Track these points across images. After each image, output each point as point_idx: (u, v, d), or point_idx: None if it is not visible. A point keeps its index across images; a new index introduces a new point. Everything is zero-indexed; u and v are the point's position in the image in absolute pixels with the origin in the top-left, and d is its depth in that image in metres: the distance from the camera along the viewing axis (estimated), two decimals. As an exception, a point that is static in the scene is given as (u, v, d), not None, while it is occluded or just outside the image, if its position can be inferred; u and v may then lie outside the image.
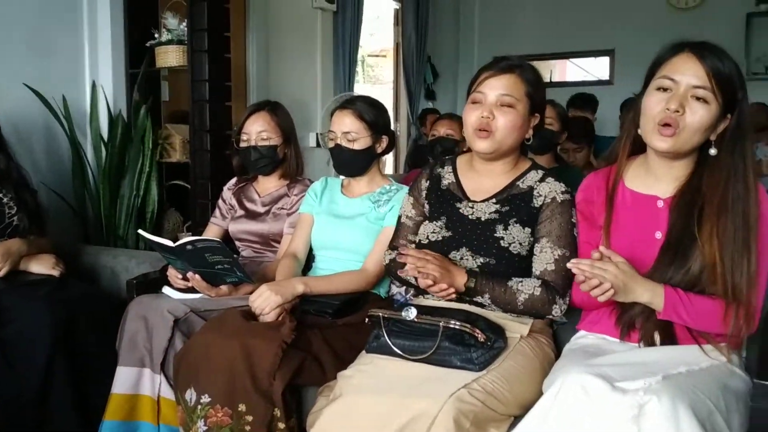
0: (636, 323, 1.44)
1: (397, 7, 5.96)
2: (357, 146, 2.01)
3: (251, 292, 1.82)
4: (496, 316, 1.61)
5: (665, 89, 1.40)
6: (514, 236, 1.63)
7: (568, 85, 6.36)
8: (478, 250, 1.64)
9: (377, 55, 7.91)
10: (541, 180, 1.68)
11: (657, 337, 1.42)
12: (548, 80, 6.59)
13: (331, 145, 2.06)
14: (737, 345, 1.43)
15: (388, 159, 6.24)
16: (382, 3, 5.92)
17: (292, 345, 1.63)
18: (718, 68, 1.37)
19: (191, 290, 1.98)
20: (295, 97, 4.48)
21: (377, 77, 8.21)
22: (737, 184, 1.39)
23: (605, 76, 6.20)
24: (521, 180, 1.70)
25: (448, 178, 1.79)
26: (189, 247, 1.79)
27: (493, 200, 1.69)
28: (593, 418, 1.17)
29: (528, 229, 1.64)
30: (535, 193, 1.66)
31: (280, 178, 2.33)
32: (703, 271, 1.39)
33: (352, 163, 2.04)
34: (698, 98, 1.37)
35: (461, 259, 1.65)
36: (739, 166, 1.40)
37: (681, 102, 1.37)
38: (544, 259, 1.61)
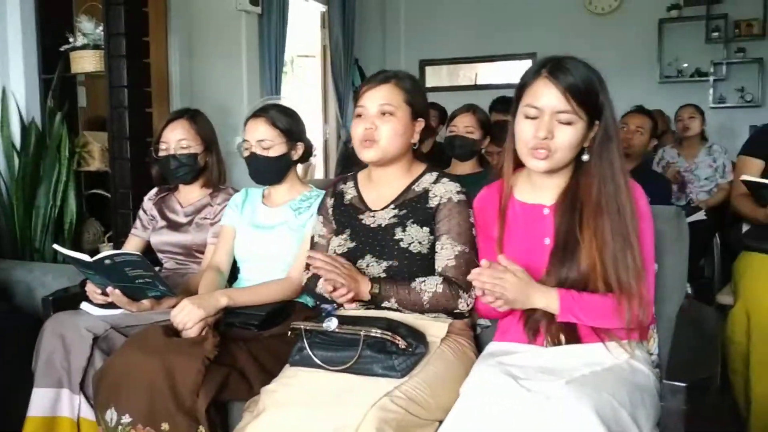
0: (541, 327, 1.50)
1: (324, 10, 5.95)
2: (272, 153, 2.02)
3: (174, 306, 1.79)
4: (415, 318, 1.64)
5: (533, 117, 1.45)
6: (413, 236, 1.68)
7: (493, 87, 6.49)
8: (381, 254, 1.69)
9: (307, 56, 7.86)
10: (436, 181, 1.74)
11: (562, 338, 1.47)
12: (473, 83, 6.73)
13: (246, 154, 2.05)
14: (641, 338, 1.51)
15: (318, 164, 6.23)
16: (309, 5, 5.89)
17: (216, 360, 1.61)
18: (574, 86, 1.42)
19: (111, 306, 1.93)
20: (220, 102, 4.41)
21: (307, 78, 8.17)
22: (608, 185, 1.47)
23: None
24: (416, 184, 1.76)
25: (350, 192, 1.84)
26: (107, 261, 1.75)
27: (392, 206, 1.74)
28: (503, 415, 1.22)
29: (426, 228, 1.69)
30: (430, 194, 1.72)
31: (203, 187, 2.29)
32: (589, 269, 1.46)
33: (267, 171, 2.04)
34: (563, 122, 1.43)
35: (367, 266, 1.69)
36: (608, 168, 1.47)
37: (548, 128, 1.43)
38: (445, 255, 1.66)
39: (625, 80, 5.76)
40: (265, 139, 2.01)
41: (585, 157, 1.49)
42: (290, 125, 2.06)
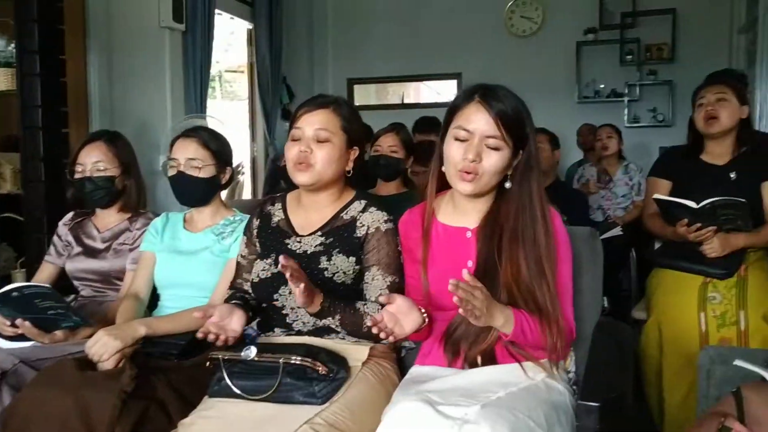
0: (461, 348, 1.52)
1: (250, 27, 5.91)
2: (202, 174, 1.99)
3: (90, 337, 1.72)
4: (335, 343, 1.64)
5: (462, 139, 1.49)
6: (338, 266, 1.67)
7: (420, 106, 6.59)
8: None
9: (235, 71, 7.81)
10: (364, 210, 1.73)
11: (479, 360, 1.50)
12: (401, 101, 6.82)
13: (173, 172, 2.00)
14: (558, 359, 1.55)
15: (246, 182, 6.15)
16: (235, 22, 5.84)
17: (134, 393, 1.56)
18: (504, 114, 1.47)
19: (22, 338, 1.83)
20: (143, 121, 4.30)
21: (235, 93, 8.08)
22: (526, 213, 1.52)
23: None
24: (345, 211, 1.75)
25: (277, 215, 1.81)
26: (15, 293, 1.67)
27: (319, 233, 1.73)
28: None
29: (352, 258, 1.68)
30: (357, 223, 1.71)
31: (120, 212, 2.22)
32: (515, 294, 1.49)
33: (195, 192, 2.01)
34: (491, 147, 1.48)
35: (290, 293, 1.65)
36: (526, 197, 1.53)
37: (477, 151, 1.47)
38: (378, 285, 1.66)
39: (545, 100, 5.97)
40: (196, 158, 1.98)
41: (507, 185, 1.53)
42: (220, 148, 2.04)
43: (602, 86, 5.87)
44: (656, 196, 2.35)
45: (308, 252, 1.70)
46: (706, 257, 2.25)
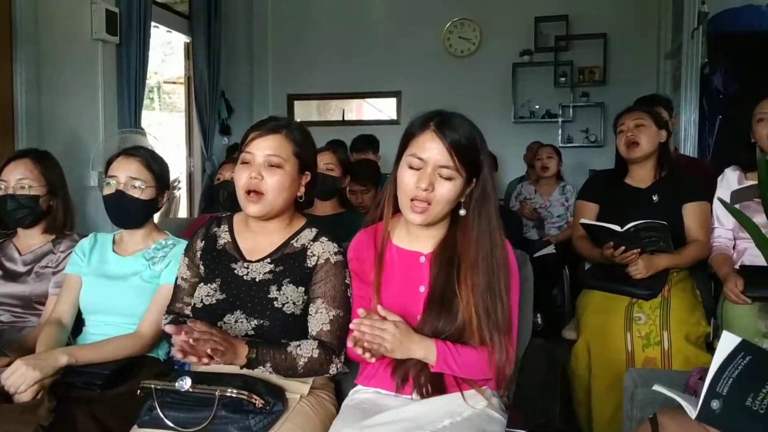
0: (410, 375, 1.52)
1: (188, 41, 5.82)
2: (143, 196, 1.93)
3: (8, 365, 1.64)
4: (277, 377, 1.60)
5: (416, 168, 1.49)
6: (288, 296, 1.64)
7: (361, 123, 6.62)
8: (252, 312, 1.62)
9: (174, 82, 7.67)
10: (315, 239, 1.71)
11: (429, 388, 1.50)
12: (341, 119, 6.83)
13: (111, 191, 1.93)
14: (496, 387, 1.56)
15: (182, 200, 6.03)
16: (173, 35, 5.75)
17: (53, 426, 1.49)
18: (459, 143, 1.48)
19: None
20: (74, 134, 4.17)
21: (174, 104, 7.93)
22: (485, 242, 1.53)
23: (394, 116, 6.53)
24: (295, 239, 1.72)
25: (224, 237, 1.75)
26: (-75, 322, 1.58)
27: (268, 260, 1.69)
28: None
29: (301, 288, 1.65)
30: (308, 252, 1.69)
31: (44, 233, 2.14)
32: (465, 322, 1.50)
33: (133, 213, 1.94)
34: (443, 177, 1.48)
35: (236, 321, 1.62)
36: (485, 225, 1.53)
37: (430, 180, 1.47)
38: (320, 319, 1.63)
39: (483, 119, 5.99)
40: (139, 179, 1.92)
41: (462, 212, 1.53)
42: (161, 171, 1.99)
43: (537, 107, 6.03)
44: (583, 220, 2.42)
45: (257, 279, 1.66)
46: (632, 278, 2.32)
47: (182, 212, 6.18)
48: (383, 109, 6.72)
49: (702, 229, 2.47)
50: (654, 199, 2.50)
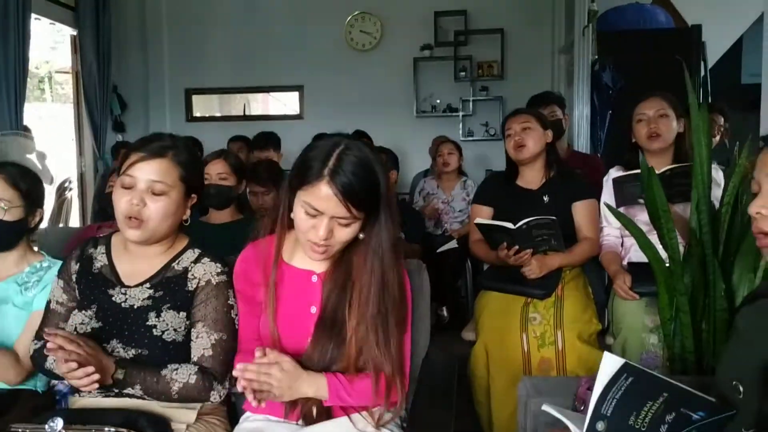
0: (299, 401, 1.48)
1: (74, 33, 5.50)
2: (8, 217, 1.77)
3: None
4: (161, 406, 1.53)
5: (312, 215, 1.41)
6: (168, 323, 1.56)
7: (264, 118, 6.49)
8: (130, 341, 1.54)
9: (67, 72, 7.22)
10: (197, 261, 1.64)
11: (314, 412, 1.47)
12: (243, 113, 6.66)
13: None
14: (391, 406, 1.53)
15: (74, 204, 5.71)
16: (57, 27, 5.41)
17: None
18: (353, 193, 1.38)
19: None
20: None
21: (67, 95, 7.49)
22: (378, 265, 1.47)
23: (297, 110, 6.43)
24: (177, 261, 1.64)
25: (100, 260, 1.65)
26: None
27: (147, 285, 1.60)
28: None
29: (183, 314, 1.58)
30: (189, 275, 1.61)
31: None
32: (358, 346, 1.46)
33: None
34: (341, 224, 1.41)
35: (113, 351, 1.53)
36: (379, 250, 1.48)
37: (328, 229, 1.40)
38: (201, 344, 1.56)
39: (385, 113, 6.14)
40: (3, 199, 1.76)
41: (361, 236, 1.48)
42: (31, 187, 1.83)
43: (438, 101, 6.10)
44: (477, 220, 2.46)
45: (135, 306, 1.56)
46: (527, 278, 2.38)
47: (74, 214, 5.87)
48: (288, 102, 6.60)
49: (592, 226, 2.56)
50: (545, 199, 2.57)
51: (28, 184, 1.82)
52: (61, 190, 5.74)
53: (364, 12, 6.14)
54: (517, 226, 2.30)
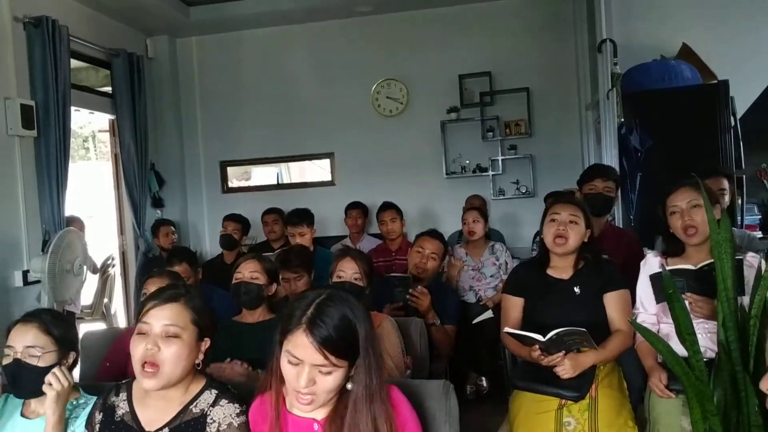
0: None
1: (113, 118, 5.72)
2: (42, 363, 1.86)
3: None
4: None
5: (294, 364, 1.46)
6: None
7: (296, 186, 6.62)
8: None
9: (108, 131, 7.48)
10: (215, 403, 1.68)
11: None
12: (276, 182, 6.80)
13: (8, 360, 1.87)
14: None
15: (117, 279, 5.87)
16: (95, 117, 5.64)
17: None
18: (330, 342, 1.44)
19: None
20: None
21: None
22: (368, 413, 1.51)
23: (328, 177, 6.53)
24: (194, 403, 1.69)
25: (122, 407, 1.73)
26: None
27: (166, 429, 1.66)
28: None
29: None
30: (208, 419, 1.66)
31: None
32: None
33: (32, 383, 1.86)
34: (323, 373, 1.46)
35: None
36: (366, 397, 1.51)
37: (310, 377, 1.45)
38: None
39: (415, 175, 6.20)
40: (35, 346, 1.86)
41: (349, 386, 1.52)
42: (63, 332, 1.93)
43: (468, 162, 6.12)
44: (506, 330, 2.45)
45: None
46: (560, 379, 2.35)
47: (118, 290, 6.03)
48: (322, 166, 6.69)
49: (624, 318, 2.51)
50: (576, 291, 2.54)
51: (61, 330, 1.91)
52: (104, 267, 5.91)
53: (390, 78, 6.25)
54: (547, 338, 2.27)
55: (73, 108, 4.86)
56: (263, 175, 7.01)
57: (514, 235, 5.95)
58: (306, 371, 1.45)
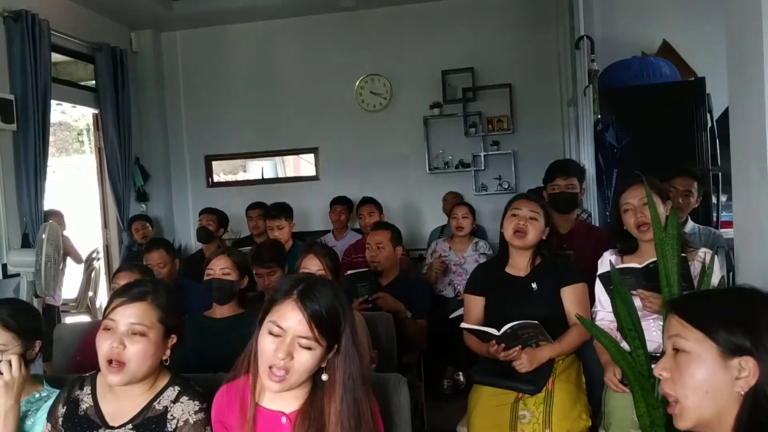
0: None
1: (96, 113, 5.73)
2: (4, 357, 1.87)
3: None
4: None
5: (276, 335, 1.48)
6: None
7: (280, 181, 6.65)
8: None
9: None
10: (176, 400, 1.70)
11: None
12: (260, 177, 6.82)
13: None
14: None
15: (101, 273, 5.90)
16: (77, 110, 5.65)
17: None
18: (319, 315, 1.47)
19: None
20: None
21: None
22: (350, 403, 1.52)
23: (313, 172, 6.55)
24: (158, 400, 1.71)
25: (86, 401, 1.73)
26: None
27: (130, 426, 1.68)
28: None
29: None
30: (168, 415, 1.68)
31: None
32: None
33: None
34: (303, 346, 1.48)
35: None
36: (350, 383, 1.53)
37: (289, 350, 1.46)
38: None
39: (399, 171, 6.23)
40: None
41: (324, 377, 1.53)
42: (25, 325, 1.93)
43: (450, 157, 6.15)
44: (463, 325, 2.48)
45: None
46: (518, 373, 2.39)
47: (102, 284, 6.06)
48: (307, 161, 6.71)
49: (581, 311, 2.54)
50: (533, 287, 2.57)
51: (21, 322, 1.92)
52: (89, 261, 5.94)
53: (373, 74, 6.27)
54: (501, 332, 2.30)
55: (54, 102, 4.87)
56: (249, 169, 7.02)
57: (496, 230, 5.92)
58: (287, 342, 1.46)
